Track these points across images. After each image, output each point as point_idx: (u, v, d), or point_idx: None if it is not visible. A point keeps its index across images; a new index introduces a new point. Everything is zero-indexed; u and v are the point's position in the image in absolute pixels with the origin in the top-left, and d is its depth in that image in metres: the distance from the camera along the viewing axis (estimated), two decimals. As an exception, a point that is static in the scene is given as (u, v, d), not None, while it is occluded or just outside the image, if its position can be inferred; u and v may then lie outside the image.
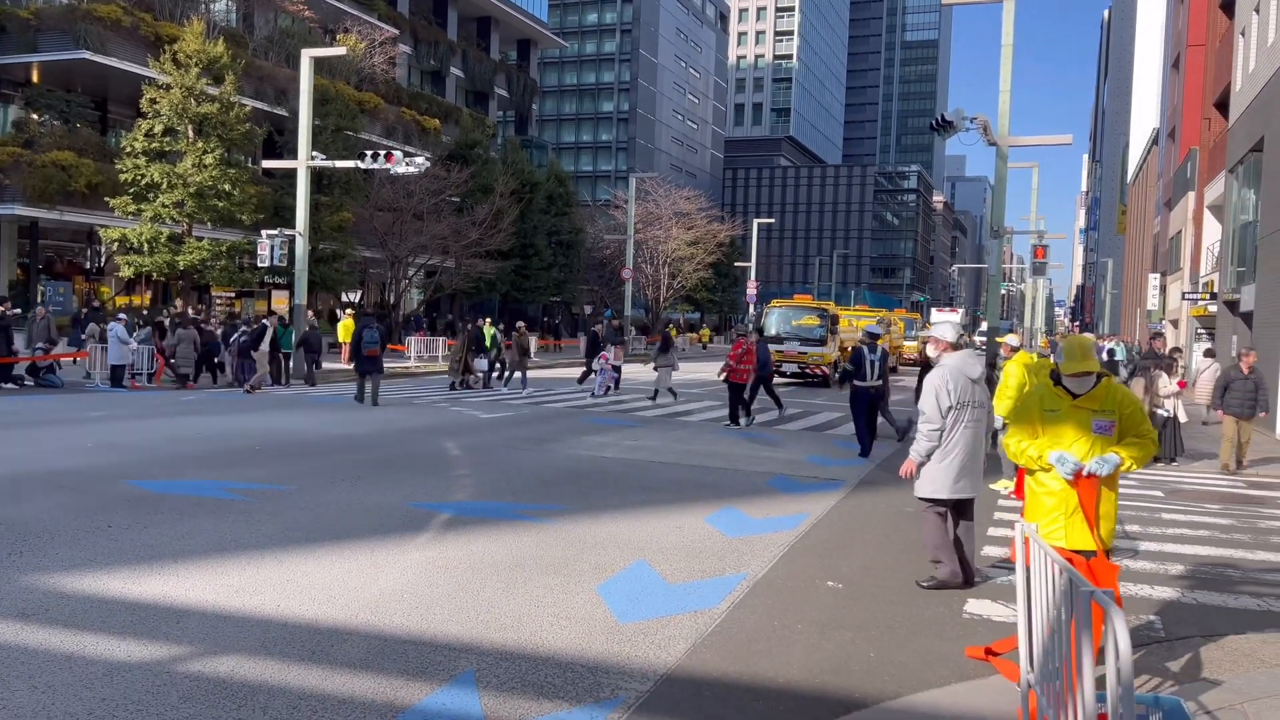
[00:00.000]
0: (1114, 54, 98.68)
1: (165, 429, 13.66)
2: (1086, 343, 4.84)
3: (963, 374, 6.64)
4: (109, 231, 29.40)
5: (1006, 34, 20.04)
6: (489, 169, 44.35)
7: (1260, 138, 22.87)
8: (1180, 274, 39.57)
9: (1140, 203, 66.08)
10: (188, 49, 29.02)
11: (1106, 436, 4.71)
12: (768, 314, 30.62)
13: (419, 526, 7.99)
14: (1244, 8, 25.82)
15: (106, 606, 5.64)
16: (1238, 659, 5.38)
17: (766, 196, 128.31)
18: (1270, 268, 21.35)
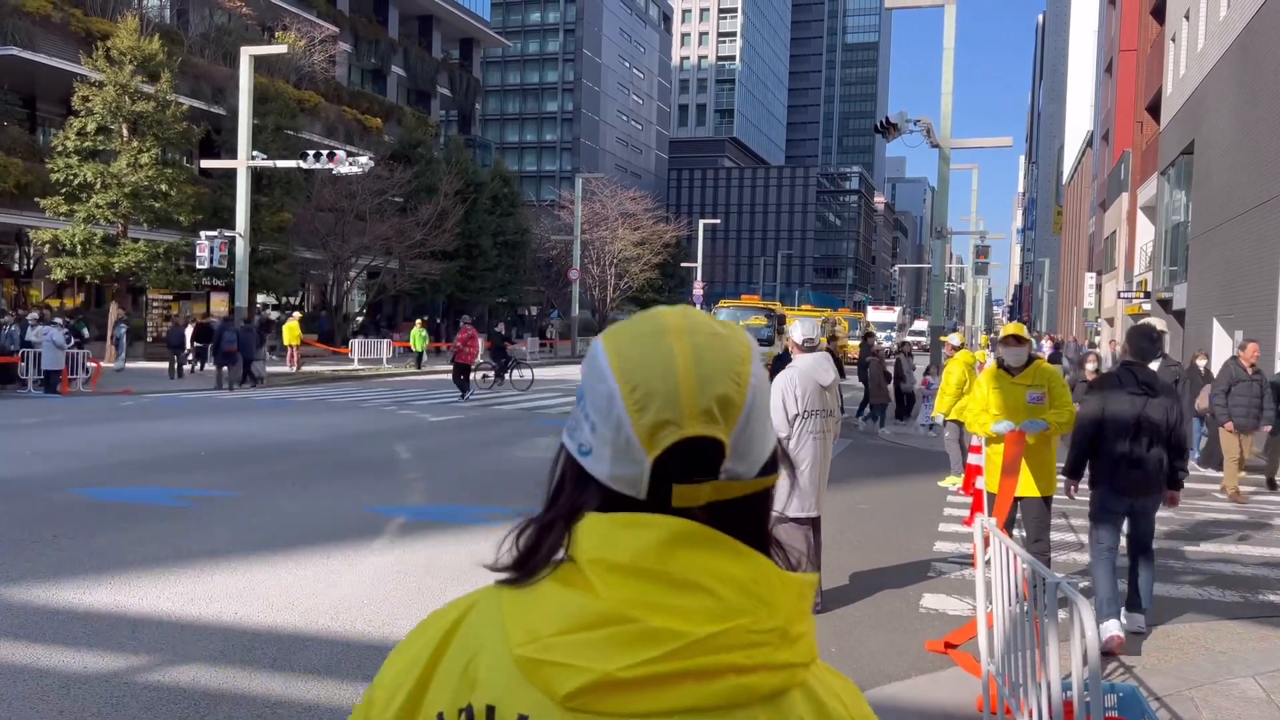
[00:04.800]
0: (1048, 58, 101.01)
1: (106, 435, 13.34)
2: (1018, 324, 6.43)
3: (812, 379, 5.76)
4: (40, 233, 28.57)
5: (948, 38, 20.43)
6: (433, 169, 43.96)
7: (1191, 141, 23.59)
8: (1115, 273, 40.64)
9: (1076, 203, 67.71)
10: (121, 46, 28.31)
11: (1040, 405, 6.00)
12: (716, 315, 30.82)
13: (375, 531, 7.92)
14: (1174, 14, 26.61)
15: (58, 618, 5.50)
16: (1183, 646, 5.56)
17: (711, 197, 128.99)
18: (1201, 267, 22.03)
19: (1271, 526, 9.46)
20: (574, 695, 0.76)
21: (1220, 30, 20.54)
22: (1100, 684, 3.04)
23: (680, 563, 0.80)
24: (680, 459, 0.83)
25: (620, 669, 0.76)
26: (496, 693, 0.80)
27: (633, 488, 0.84)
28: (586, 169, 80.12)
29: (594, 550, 0.83)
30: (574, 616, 0.79)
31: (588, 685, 0.76)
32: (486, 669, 0.82)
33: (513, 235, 50.81)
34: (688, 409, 0.82)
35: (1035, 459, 6.03)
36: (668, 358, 0.84)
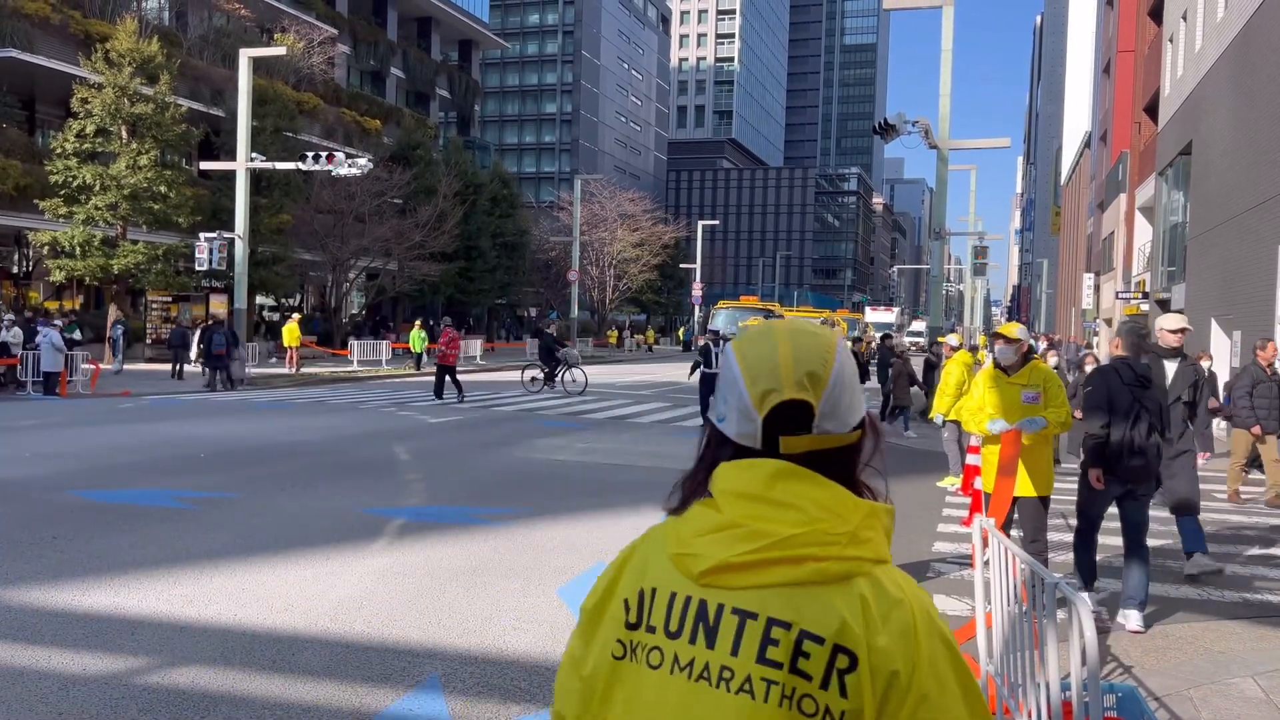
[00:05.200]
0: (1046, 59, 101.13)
1: (105, 437, 13.34)
2: (1014, 324, 6.43)
3: None
4: (39, 235, 28.57)
5: (946, 39, 20.45)
6: (431, 170, 43.98)
7: (1188, 142, 23.61)
8: (1113, 274, 40.66)
9: (1074, 204, 67.75)
10: (120, 48, 28.32)
11: (1035, 404, 6.02)
12: (714, 315, 30.89)
13: (374, 532, 7.92)
14: (1172, 15, 26.63)
15: (57, 619, 5.50)
16: (1182, 646, 5.57)
17: (710, 198, 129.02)
18: (1199, 267, 22.05)
19: (1270, 526, 9.47)
20: (704, 574, 1.18)
21: (1218, 31, 20.57)
22: (1099, 684, 3.04)
23: (777, 490, 1.19)
24: (783, 417, 1.22)
25: (733, 556, 1.17)
26: (657, 579, 1.23)
27: (751, 440, 1.24)
28: (585, 170, 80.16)
29: (721, 484, 1.23)
30: (705, 525, 1.20)
31: (711, 567, 1.18)
32: (652, 566, 1.25)
33: (512, 237, 50.83)
34: (785, 381, 1.22)
35: (1032, 459, 6.02)
36: (772, 349, 1.25)
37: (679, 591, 1.19)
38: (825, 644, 1.12)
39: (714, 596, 1.17)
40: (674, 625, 1.19)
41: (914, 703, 1.13)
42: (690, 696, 1.15)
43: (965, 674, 1.18)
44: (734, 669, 1.14)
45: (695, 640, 1.17)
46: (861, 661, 1.12)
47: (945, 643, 1.17)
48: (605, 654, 1.23)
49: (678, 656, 1.17)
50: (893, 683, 1.13)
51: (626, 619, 1.23)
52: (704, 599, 1.18)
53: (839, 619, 1.13)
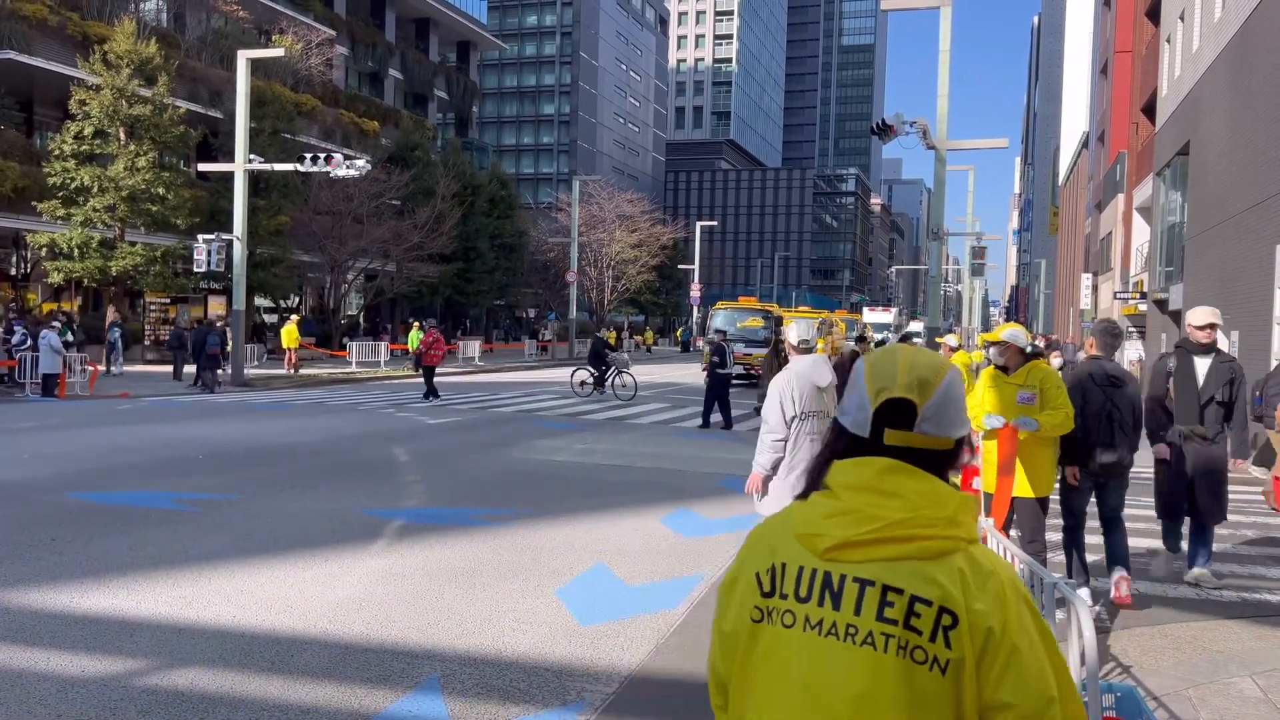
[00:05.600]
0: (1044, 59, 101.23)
1: (104, 439, 13.33)
2: (1009, 325, 6.37)
3: (810, 381, 5.87)
4: (37, 236, 28.56)
5: (944, 39, 20.47)
6: (430, 171, 43.96)
7: (1186, 142, 23.62)
8: (1111, 274, 40.69)
9: (1072, 204, 67.79)
10: (118, 49, 28.31)
11: (1030, 405, 5.94)
12: (713, 316, 30.88)
13: (373, 534, 7.92)
14: (1169, 16, 26.66)
15: (55, 621, 5.50)
16: (1180, 646, 5.57)
17: (708, 199, 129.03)
18: (1197, 267, 22.07)
19: (1268, 525, 9.48)
20: (828, 550, 1.45)
21: (1215, 31, 20.59)
22: (1098, 684, 3.04)
23: (885, 482, 1.47)
24: (890, 413, 1.50)
25: (852, 535, 1.44)
26: (787, 555, 1.50)
27: (862, 429, 1.52)
28: (583, 171, 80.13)
29: (838, 478, 1.51)
30: (828, 511, 1.48)
31: (834, 545, 1.45)
32: (781, 545, 1.52)
33: (510, 238, 50.81)
34: (899, 382, 1.51)
35: (1030, 460, 6.03)
36: (894, 360, 1.54)
37: (806, 565, 1.47)
38: (932, 606, 1.39)
39: (836, 568, 1.45)
40: (803, 592, 1.46)
41: (1006, 653, 1.38)
42: (821, 649, 1.43)
43: (1046, 632, 1.44)
44: (858, 626, 1.41)
45: (823, 604, 1.44)
46: (962, 621, 1.38)
47: (1029, 606, 1.45)
48: (744, 618, 1.51)
49: (808, 617, 1.45)
50: (989, 638, 1.38)
51: (761, 589, 1.50)
52: (828, 570, 1.45)
53: (941, 587, 1.40)
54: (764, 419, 5.90)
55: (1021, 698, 1.37)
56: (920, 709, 1.37)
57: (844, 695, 1.40)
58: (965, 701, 1.38)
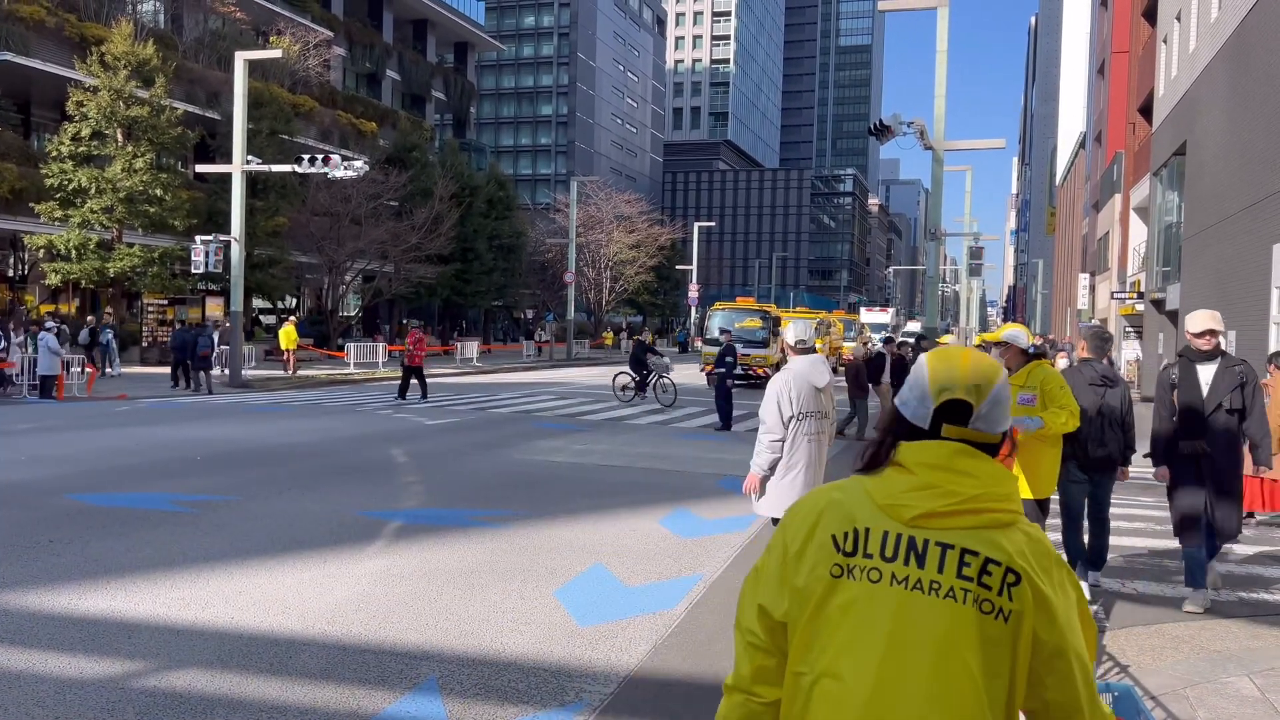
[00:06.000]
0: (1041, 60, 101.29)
1: (102, 440, 13.32)
2: (1011, 325, 6.36)
3: (808, 381, 5.87)
4: (34, 238, 28.56)
5: (941, 40, 20.49)
6: (428, 172, 43.97)
7: (1183, 142, 23.65)
8: (1108, 274, 40.73)
9: (1069, 205, 67.83)
10: (115, 51, 28.31)
11: (1031, 406, 5.87)
12: (711, 316, 30.88)
13: (371, 535, 7.91)
14: (1166, 16, 26.69)
15: (54, 623, 5.50)
16: (1178, 645, 5.57)
17: (706, 200, 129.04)
18: (1194, 267, 22.10)
19: (1266, 525, 9.49)
20: (914, 519, 1.70)
21: (1212, 31, 20.62)
22: (1095, 684, 3.04)
23: (959, 463, 1.73)
24: (948, 411, 1.77)
25: (935, 507, 1.70)
26: (868, 521, 1.73)
27: (922, 422, 1.78)
28: (581, 172, 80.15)
29: (914, 457, 1.75)
30: (908, 485, 1.73)
31: (919, 514, 1.70)
32: (859, 511, 1.74)
33: (508, 239, 50.81)
34: (960, 385, 1.77)
35: (1031, 461, 5.99)
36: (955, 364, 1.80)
37: (890, 530, 1.71)
38: (1001, 566, 1.66)
39: (919, 534, 1.70)
40: (889, 552, 1.70)
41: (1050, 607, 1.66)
42: (906, 599, 1.67)
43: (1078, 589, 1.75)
44: (940, 582, 1.67)
45: (908, 563, 1.69)
46: (1024, 579, 1.66)
47: (1066, 570, 1.75)
48: (821, 572, 1.73)
49: (894, 574, 1.69)
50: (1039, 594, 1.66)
51: (840, 549, 1.73)
52: (912, 535, 1.70)
53: (1007, 551, 1.68)
54: (762, 419, 5.88)
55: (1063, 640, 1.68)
56: (988, 650, 1.64)
57: (930, 638, 1.65)
58: (1020, 645, 1.65)
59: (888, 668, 1.65)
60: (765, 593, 1.80)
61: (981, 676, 1.63)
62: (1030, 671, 1.68)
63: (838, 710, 1.67)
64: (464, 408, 19.90)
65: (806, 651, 1.73)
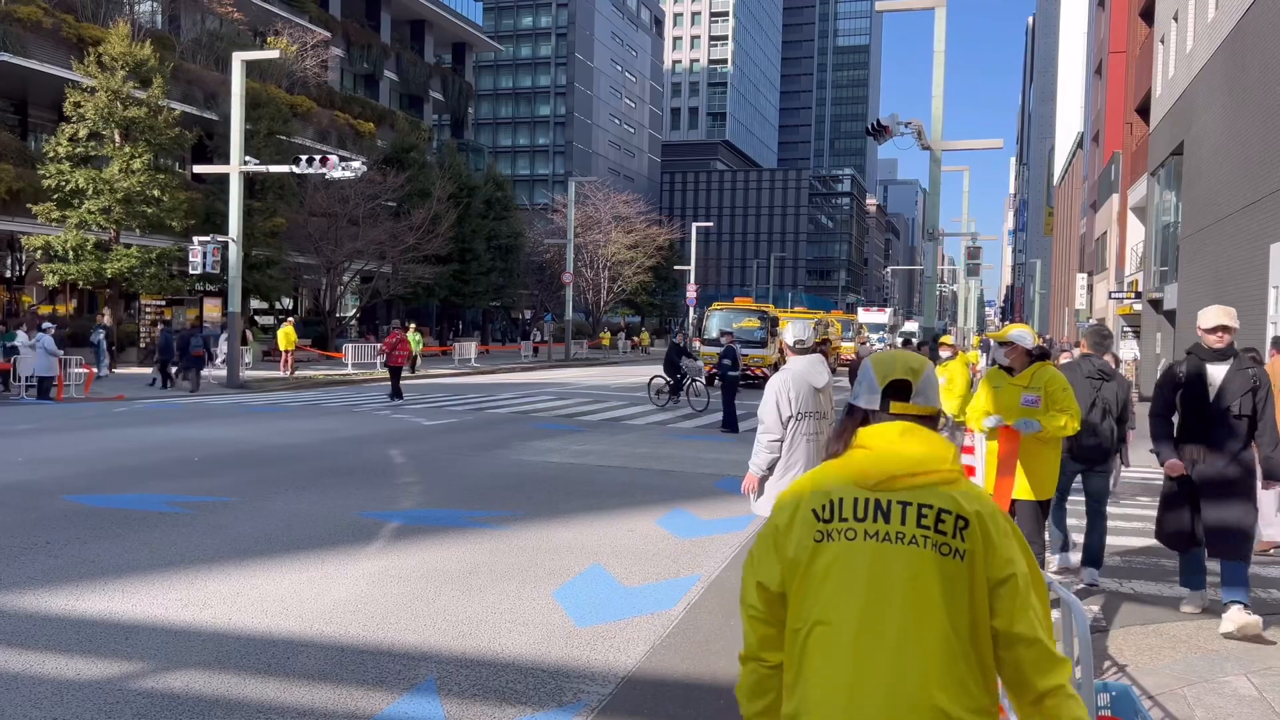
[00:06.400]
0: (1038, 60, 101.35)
1: (100, 442, 13.31)
2: (1016, 325, 6.42)
3: (806, 381, 5.87)
4: (31, 239, 28.51)
5: (938, 40, 20.50)
6: (425, 173, 43.97)
7: (1180, 142, 23.68)
8: (1106, 274, 40.77)
9: (1066, 205, 67.87)
10: (113, 51, 28.28)
11: (1034, 407, 5.86)
12: (709, 317, 30.87)
13: (369, 536, 7.91)
14: (1163, 16, 26.72)
15: (51, 624, 5.49)
16: (1176, 645, 5.58)
17: (704, 200, 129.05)
18: (1191, 267, 22.12)
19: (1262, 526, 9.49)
20: (877, 484, 2.01)
21: (1208, 31, 20.64)
22: (1093, 683, 3.05)
23: (907, 437, 2.07)
24: (893, 391, 2.15)
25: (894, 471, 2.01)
26: (840, 492, 2.04)
27: (873, 404, 2.16)
28: (579, 172, 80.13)
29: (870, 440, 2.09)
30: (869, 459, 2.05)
31: (881, 479, 2.01)
32: (833, 485, 2.06)
33: (506, 239, 50.81)
34: (897, 370, 2.16)
35: (1032, 462, 5.95)
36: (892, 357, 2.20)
37: (859, 496, 2.03)
38: (952, 514, 1.99)
39: (883, 496, 2.02)
40: (860, 514, 2.02)
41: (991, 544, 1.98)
42: (879, 549, 1.99)
43: (1014, 526, 2.06)
44: (904, 532, 1.98)
45: (876, 520, 2.01)
46: (971, 523, 1.98)
47: (1001, 513, 2.05)
48: (806, 541, 2.04)
49: (866, 530, 2.00)
50: (986, 535, 1.98)
51: (819, 518, 2.04)
52: (877, 498, 2.02)
53: (956, 502, 2.00)
54: (760, 419, 5.88)
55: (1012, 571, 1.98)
56: (947, 584, 1.95)
57: (900, 578, 1.96)
58: (976, 579, 1.96)
59: (869, 608, 1.96)
60: (761, 570, 2.09)
61: (944, 606, 1.94)
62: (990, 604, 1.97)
63: (831, 649, 1.96)
64: (462, 408, 19.89)
65: (799, 609, 2.02)
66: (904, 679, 1.90)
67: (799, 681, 2.00)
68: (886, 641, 1.92)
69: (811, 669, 1.97)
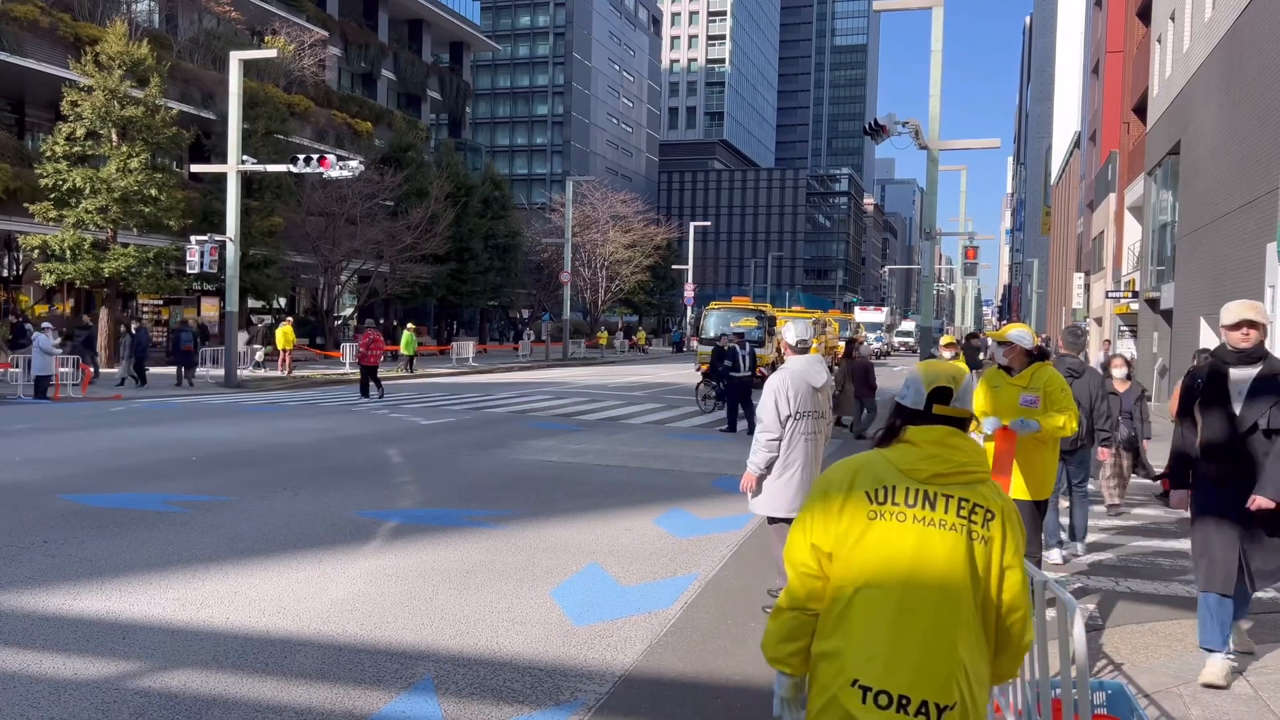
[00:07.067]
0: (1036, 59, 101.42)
1: (96, 441, 13.30)
2: (1015, 325, 6.42)
3: (805, 380, 5.89)
4: (28, 238, 28.45)
5: (936, 40, 20.49)
6: (423, 172, 43.92)
7: (1177, 141, 23.70)
8: (1103, 273, 40.79)
9: (1063, 204, 67.91)
10: (110, 50, 28.22)
11: (1033, 408, 5.82)
12: (707, 316, 30.86)
13: (366, 535, 7.91)
14: (1160, 16, 26.74)
15: (48, 624, 5.49)
16: (1171, 643, 5.59)
17: (701, 199, 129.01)
18: (1188, 266, 22.15)
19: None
20: (927, 478, 2.42)
21: (1205, 31, 20.66)
22: (1089, 682, 3.06)
23: (950, 440, 2.46)
24: (937, 395, 2.52)
25: (940, 470, 2.42)
26: (892, 480, 2.44)
27: (919, 405, 2.52)
28: (577, 172, 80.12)
29: (919, 436, 2.48)
30: (919, 456, 2.45)
31: (931, 475, 2.43)
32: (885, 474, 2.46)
33: (504, 238, 50.79)
34: (942, 378, 2.53)
35: (1030, 462, 5.93)
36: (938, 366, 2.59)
37: (911, 486, 2.42)
38: (984, 508, 2.42)
39: (930, 488, 2.42)
40: (910, 501, 2.41)
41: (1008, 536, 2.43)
42: (924, 532, 2.39)
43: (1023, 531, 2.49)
44: (945, 520, 2.39)
45: (924, 508, 2.41)
46: (997, 516, 2.42)
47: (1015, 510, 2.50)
48: (860, 517, 2.42)
49: (914, 515, 2.40)
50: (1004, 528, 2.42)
51: (873, 500, 2.43)
52: (925, 489, 2.42)
53: (987, 498, 2.43)
54: (759, 418, 5.89)
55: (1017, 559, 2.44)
56: (973, 563, 2.38)
57: (938, 556, 2.37)
58: (993, 560, 2.41)
59: (913, 576, 2.36)
60: (816, 534, 2.48)
61: (969, 580, 2.38)
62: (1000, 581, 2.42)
63: (878, 607, 2.36)
64: (459, 407, 19.89)
65: (846, 570, 2.43)
66: (937, 635, 2.33)
67: (841, 627, 2.39)
68: (925, 607, 2.34)
69: (857, 621, 2.37)
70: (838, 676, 2.35)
